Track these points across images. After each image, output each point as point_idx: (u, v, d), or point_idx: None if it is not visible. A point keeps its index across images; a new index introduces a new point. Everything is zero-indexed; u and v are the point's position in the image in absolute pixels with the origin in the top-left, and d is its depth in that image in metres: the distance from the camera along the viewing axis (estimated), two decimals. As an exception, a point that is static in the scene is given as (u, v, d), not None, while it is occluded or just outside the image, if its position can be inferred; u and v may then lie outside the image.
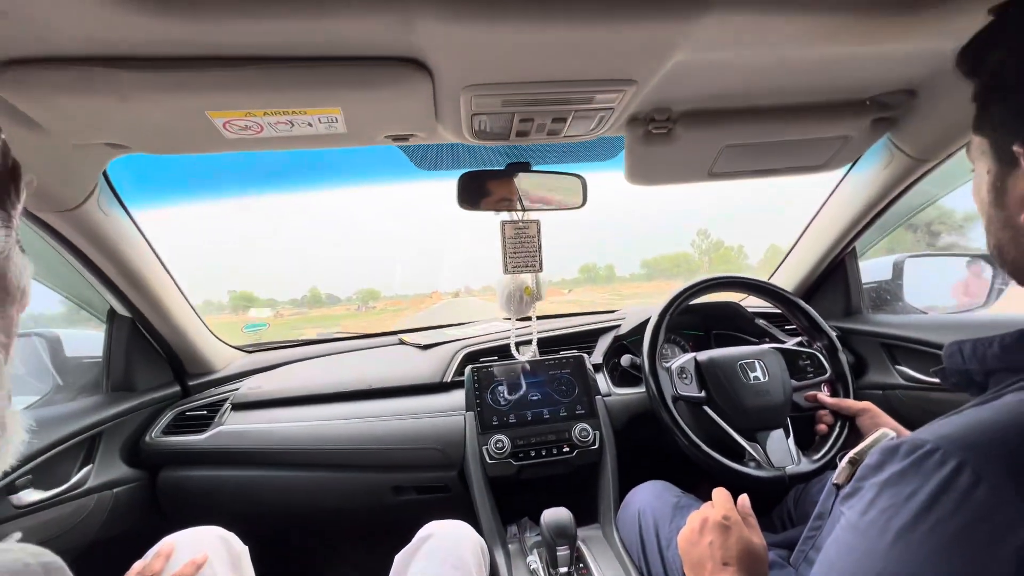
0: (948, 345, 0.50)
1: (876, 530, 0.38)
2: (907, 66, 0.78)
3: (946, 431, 0.39)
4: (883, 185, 1.09)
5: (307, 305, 6.49)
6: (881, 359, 1.24)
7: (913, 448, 0.39)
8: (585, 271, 6.98)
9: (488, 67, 0.63)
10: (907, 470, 0.38)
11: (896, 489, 0.38)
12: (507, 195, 1.03)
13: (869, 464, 0.43)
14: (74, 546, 0.98)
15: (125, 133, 0.70)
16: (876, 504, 0.39)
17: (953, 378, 0.50)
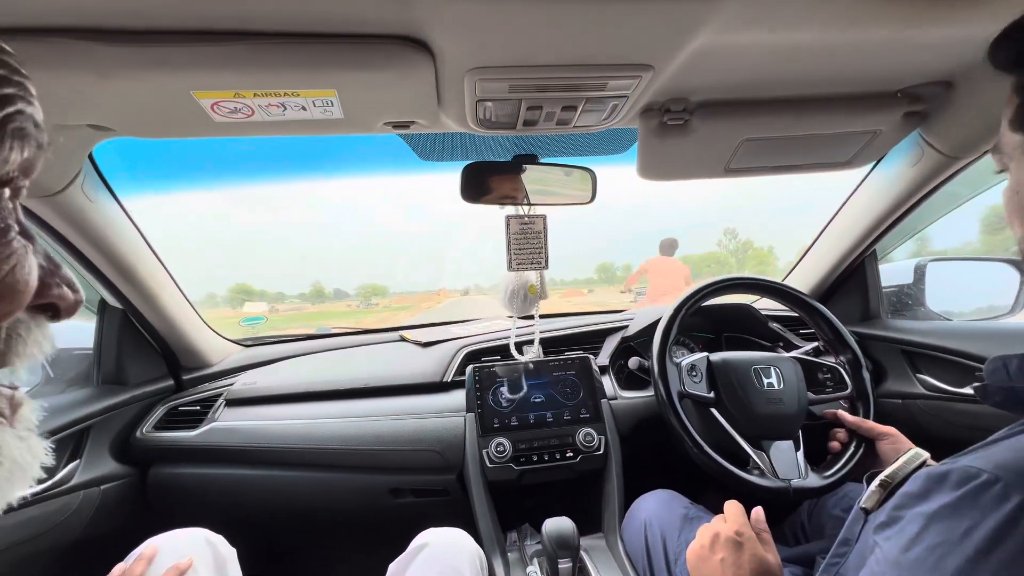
0: (991, 360, 0.45)
1: (925, 570, 0.34)
2: (944, 55, 0.73)
3: (1003, 459, 0.34)
4: (910, 184, 1.03)
5: (310, 300, 6.01)
6: (901, 367, 1.19)
7: (966, 478, 0.35)
8: (602, 270, 6.77)
9: (494, 48, 0.59)
10: (960, 503, 0.34)
11: (948, 524, 0.34)
12: (513, 188, 0.99)
13: (911, 492, 0.39)
14: (58, 544, 0.95)
15: (108, 114, 0.66)
16: (923, 539, 0.35)
17: (996, 396, 0.45)
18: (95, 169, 0.86)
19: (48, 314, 0.31)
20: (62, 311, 0.31)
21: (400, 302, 6.10)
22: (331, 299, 6.65)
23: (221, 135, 0.73)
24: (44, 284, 0.29)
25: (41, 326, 0.30)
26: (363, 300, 6.41)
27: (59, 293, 0.30)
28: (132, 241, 0.99)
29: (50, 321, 0.31)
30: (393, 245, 33.41)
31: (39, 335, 0.29)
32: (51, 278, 0.30)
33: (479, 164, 0.96)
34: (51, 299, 0.30)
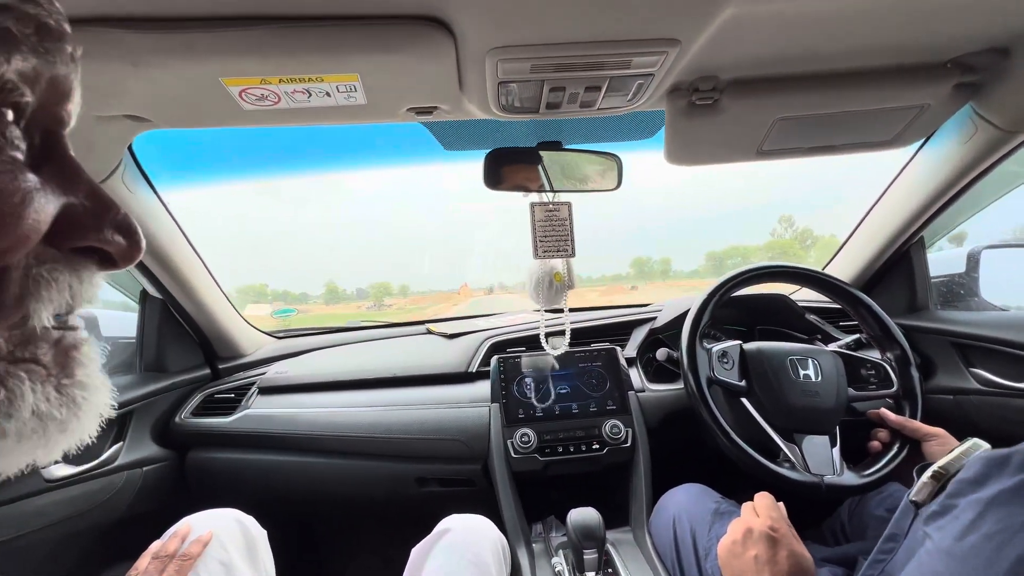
0: None
1: (982, 559, 0.31)
2: (999, 19, 0.68)
3: None
4: (962, 163, 0.96)
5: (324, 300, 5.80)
6: (953, 360, 1.11)
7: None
8: (637, 265, 6.30)
9: (515, 26, 0.58)
10: (1021, 488, 0.31)
11: (1008, 510, 0.31)
12: (537, 175, 0.97)
13: (966, 478, 0.36)
14: (104, 521, 1.00)
15: (142, 103, 0.69)
16: (979, 527, 0.32)
17: None
18: (135, 161, 0.90)
19: (96, 261, 0.27)
20: (116, 258, 0.28)
21: (417, 302, 5.70)
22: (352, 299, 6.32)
23: (250, 124, 0.75)
24: (81, 225, 0.26)
25: (79, 271, 0.27)
26: (375, 300, 5.90)
27: (104, 236, 0.26)
28: (170, 233, 1.03)
29: (100, 269, 0.28)
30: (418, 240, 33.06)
31: (72, 279, 0.26)
32: (94, 219, 0.26)
33: (502, 150, 0.95)
34: (94, 242, 0.26)
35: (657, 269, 6.59)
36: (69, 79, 0.26)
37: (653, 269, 6.49)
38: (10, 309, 0.24)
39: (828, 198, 4.01)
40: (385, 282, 5.61)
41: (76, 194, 0.26)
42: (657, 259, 7.10)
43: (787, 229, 6.11)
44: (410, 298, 5.67)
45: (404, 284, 6.04)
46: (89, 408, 0.27)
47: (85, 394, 0.27)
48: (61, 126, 0.27)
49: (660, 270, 6.63)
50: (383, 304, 4.94)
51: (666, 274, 6.36)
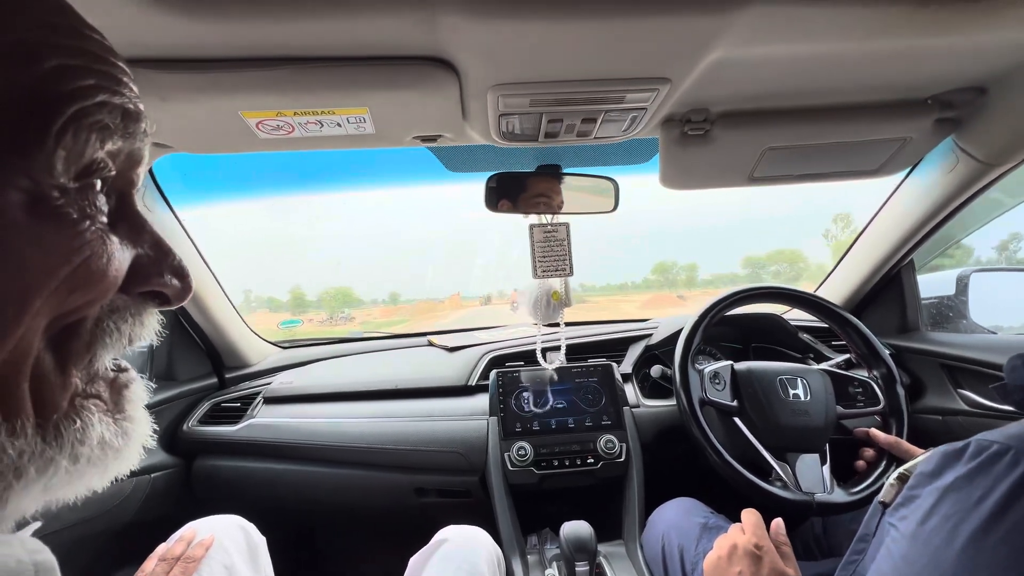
0: (1011, 358, 0.45)
1: (940, 538, 0.35)
2: (976, 60, 0.71)
3: (1015, 431, 0.36)
4: (946, 192, 0.99)
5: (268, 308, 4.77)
6: (941, 381, 1.14)
7: (980, 450, 0.36)
8: (660, 270, 5.43)
9: (515, 66, 0.62)
10: (974, 472, 0.35)
11: (962, 494, 0.35)
12: (536, 198, 1.01)
13: (925, 471, 0.40)
14: (113, 526, 1.03)
15: (167, 133, 0.73)
16: (937, 510, 0.36)
17: (1016, 395, 0.45)
18: (154, 182, 0.94)
19: (156, 302, 0.31)
20: (171, 299, 0.32)
21: (390, 315, 4.59)
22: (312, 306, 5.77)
23: (265, 150, 0.79)
24: (146, 273, 0.29)
25: (143, 314, 0.31)
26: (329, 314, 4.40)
27: (163, 281, 0.30)
28: (185, 249, 1.07)
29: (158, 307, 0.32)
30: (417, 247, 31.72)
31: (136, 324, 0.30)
32: (156, 266, 0.30)
33: (503, 174, 0.99)
34: (155, 287, 0.30)
35: (682, 277, 5.81)
36: (143, 150, 0.30)
37: (677, 277, 5.73)
38: (82, 355, 0.28)
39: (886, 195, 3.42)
40: (344, 288, 4.51)
41: (143, 245, 0.30)
42: (682, 264, 6.06)
43: (843, 229, 5.47)
44: (382, 308, 4.76)
45: (394, 292, 4.97)
46: (137, 439, 0.31)
47: (133, 427, 0.31)
48: (133, 187, 0.31)
49: (685, 277, 5.86)
50: (339, 318, 3.85)
51: (692, 282, 5.70)
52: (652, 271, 5.79)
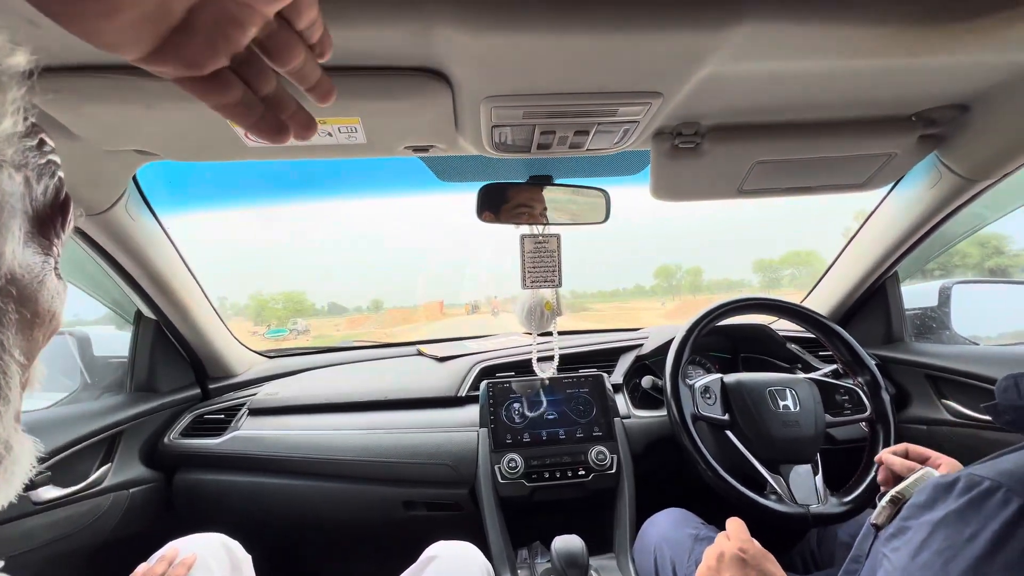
0: (1003, 379, 0.46)
1: (932, 573, 0.34)
2: (959, 79, 0.73)
3: (1006, 468, 0.36)
4: (929, 206, 1.02)
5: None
6: (926, 392, 1.16)
7: (970, 485, 0.36)
8: (662, 275, 5.00)
9: (508, 78, 0.62)
10: (965, 509, 0.35)
11: (953, 529, 0.35)
12: (527, 208, 1.01)
13: (917, 503, 0.40)
14: (88, 544, 0.99)
15: (152, 140, 0.72)
16: (929, 545, 0.36)
17: (1007, 415, 0.45)
18: (138, 190, 0.92)
19: None
20: None
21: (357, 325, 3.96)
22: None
23: (253, 158, 0.78)
24: None
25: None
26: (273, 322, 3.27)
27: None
28: (169, 257, 1.05)
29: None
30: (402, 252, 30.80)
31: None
32: None
33: (495, 185, 0.99)
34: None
35: (686, 282, 5.50)
36: None
37: (681, 282, 5.42)
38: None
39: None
40: (296, 293, 3.90)
41: None
42: (686, 268, 5.66)
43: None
44: (348, 319, 4.19)
45: (377, 299, 4.54)
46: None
47: None
48: None
49: (689, 283, 5.56)
50: (297, 330, 3.22)
51: (697, 287, 5.41)
52: (654, 275, 5.50)
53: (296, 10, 0.31)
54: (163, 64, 0.28)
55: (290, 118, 0.35)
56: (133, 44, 0.27)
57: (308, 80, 0.35)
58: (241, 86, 0.32)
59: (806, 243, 4.72)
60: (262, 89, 0.33)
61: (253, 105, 0.33)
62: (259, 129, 0.34)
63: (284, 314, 3.91)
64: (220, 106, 0.31)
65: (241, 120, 0.33)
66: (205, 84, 0.30)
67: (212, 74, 0.30)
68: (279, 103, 0.35)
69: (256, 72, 0.32)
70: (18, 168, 0.28)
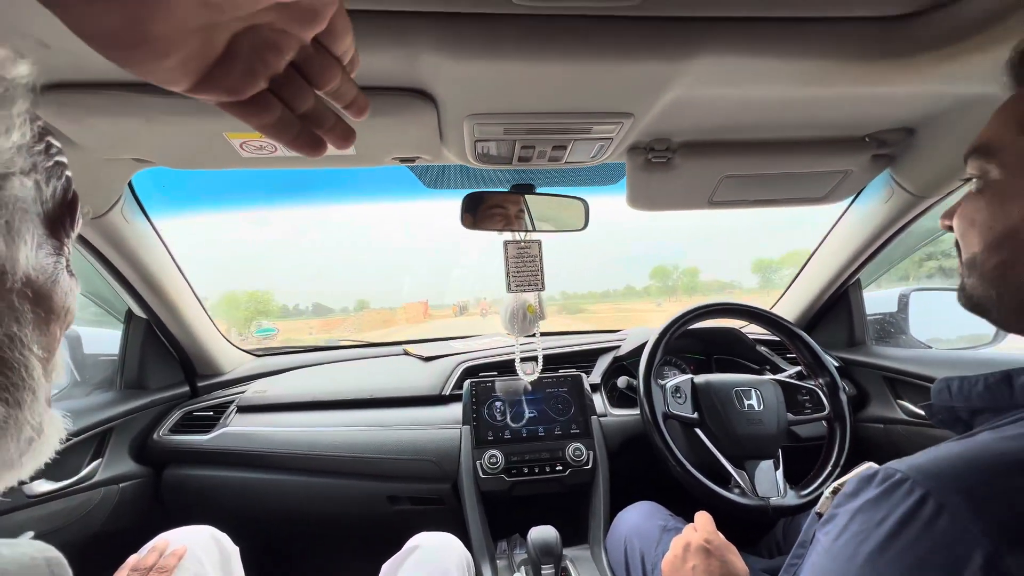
0: (938, 381, 0.51)
1: (846, 555, 0.39)
2: (905, 106, 0.80)
3: (918, 462, 0.40)
4: (884, 219, 1.09)
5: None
6: (883, 392, 1.23)
7: (886, 477, 0.41)
8: (658, 275, 4.82)
9: (489, 98, 0.67)
10: (879, 498, 0.40)
11: (868, 516, 0.40)
12: (510, 216, 1.06)
13: (846, 492, 0.45)
14: (79, 537, 1.02)
15: (150, 150, 0.75)
16: (848, 529, 0.41)
17: (940, 415, 0.50)
18: (133, 194, 0.95)
19: None
20: None
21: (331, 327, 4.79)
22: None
23: (247, 167, 0.81)
24: None
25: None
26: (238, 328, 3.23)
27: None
28: (161, 258, 1.07)
29: None
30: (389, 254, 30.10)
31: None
32: None
33: (478, 193, 1.03)
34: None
35: (683, 283, 5.34)
36: None
37: (679, 282, 5.25)
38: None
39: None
40: (261, 293, 3.41)
41: None
42: (683, 268, 5.46)
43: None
44: (323, 321, 3.80)
45: (363, 299, 4.11)
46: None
47: None
48: None
49: (686, 284, 5.39)
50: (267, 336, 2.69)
51: (693, 288, 5.21)
52: (650, 276, 5.30)
53: (332, 35, 0.32)
54: (207, 92, 0.30)
55: (328, 131, 0.36)
56: (182, 78, 0.28)
57: (344, 98, 0.36)
58: (279, 107, 0.33)
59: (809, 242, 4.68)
60: (300, 107, 0.34)
61: (291, 124, 0.34)
62: (297, 144, 0.35)
63: (246, 316, 3.53)
64: (260, 126, 0.33)
65: (279, 137, 0.34)
66: (246, 107, 0.32)
67: (252, 97, 0.31)
68: (317, 119, 0.35)
69: (294, 92, 0.33)
70: (27, 174, 0.29)
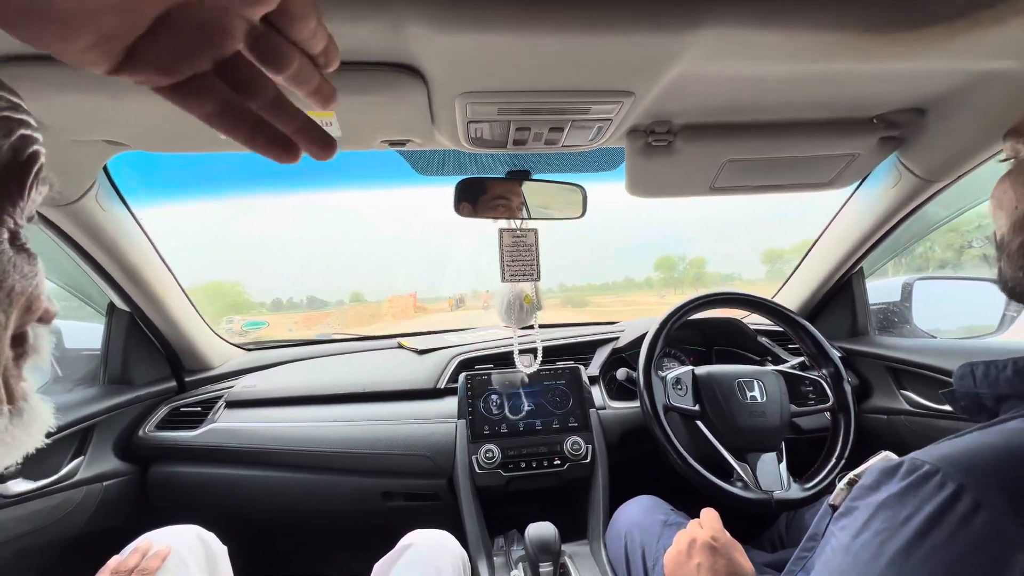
0: (960, 366, 0.48)
1: (869, 553, 0.36)
2: (916, 85, 0.76)
3: (946, 453, 0.37)
4: (891, 205, 1.06)
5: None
6: (887, 383, 1.21)
7: (912, 469, 0.38)
8: (662, 266, 4.59)
9: (482, 75, 0.63)
10: (904, 492, 0.37)
11: (892, 511, 0.37)
12: (505, 203, 1.02)
13: (865, 484, 0.42)
14: (61, 537, 0.99)
15: (121, 131, 0.71)
16: (870, 526, 0.38)
17: (962, 401, 0.48)
18: (109, 180, 0.91)
19: (45, 323, 0.35)
20: (49, 321, 0.36)
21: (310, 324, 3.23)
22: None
23: (226, 150, 0.77)
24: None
25: (47, 331, 0.35)
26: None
27: (48, 306, 0.34)
28: (142, 248, 1.03)
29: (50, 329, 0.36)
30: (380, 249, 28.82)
31: (49, 338, 0.34)
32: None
33: (472, 179, 1.00)
34: (45, 309, 0.34)
35: (691, 273, 5.12)
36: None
37: (687, 272, 5.04)
38: (28, 357, 0.33)
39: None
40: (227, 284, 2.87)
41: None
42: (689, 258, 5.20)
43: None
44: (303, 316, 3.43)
45: (357, 291, 3.94)
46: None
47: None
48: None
49: (693, 274, 5.17)
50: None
51: (700, 279, 5.06)
52: (655, 267, 5.17)
53: (288, 19, 0.28)
54: (134, 73, 0.26)
55: (298, 133, 0.32)
56: (101, 60, 0.25)
57: (306, 85, 0.31)
58: (222, 94, 0.29)
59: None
60: (254, 98, 0.30)
61: (243, 116, 0.29)
62: (258, 144, 0.31)
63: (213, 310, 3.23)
64: (204, 115, 0.29)
65: (234, 132, 0.30)
66: (183, 92, 0.28)
67: (192, 82, 0.27)
68: (280, 113, 0.31)
69: (243, 79, 0.29)
70: None
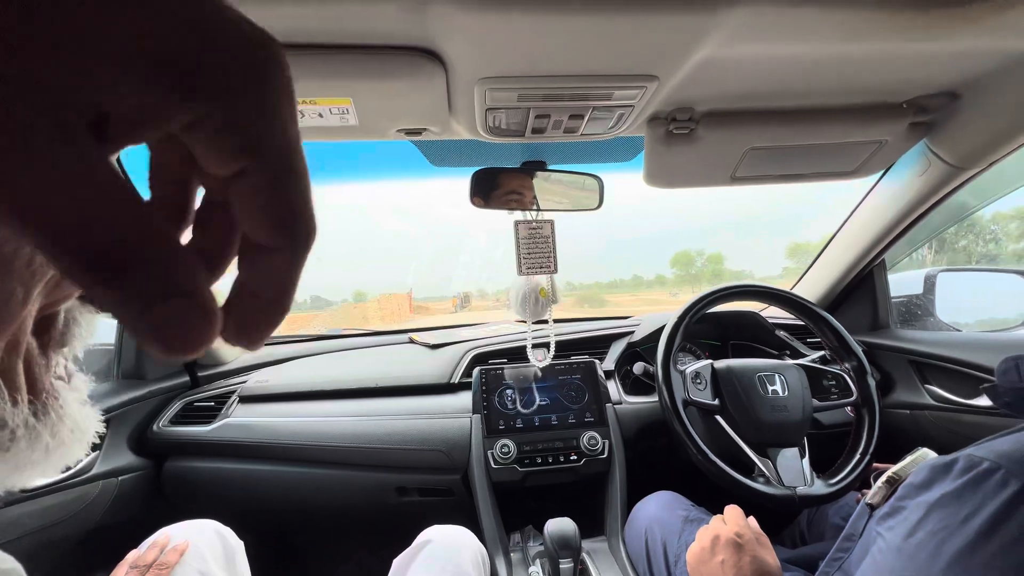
0: (1003, 360, 0.46)
1: (926, 553, 0.35)
2: (950, 66, 0.74)
3: (1004, 449, 0.36)
4: (918, 194, 1.03)
5: None
6: (910, 377, 1.18)
7: (969, 466, 0.36)
8: (679, 263, 4.31)
9: (503, 59, 0.61)
10: (962, 490, 0.35)
11: (950, 510, 0.35)
12: (520, 194, 1.01)
13: (914, 483, 0.40)
14: (77, 532, 0.99)
15: None
16: (924, 525, 0.36)
17: (1006, 396, 0.46)
18: (122, 171, 0.90)
19: (93, 305, 0.33)
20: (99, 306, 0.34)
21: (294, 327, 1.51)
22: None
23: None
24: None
25: (88, 315, 0.33)
26: None
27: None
28: None
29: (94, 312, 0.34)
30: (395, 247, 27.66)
31: (90, 321, 0.32)
32: None
33: (488, 170, 0.98)
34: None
35: (709, 268, 4.75)
36: None
37: (705, 268, 4.80)
38: (58, 343, 0.29)
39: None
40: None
41: None
42: (708, 254, 4.76)
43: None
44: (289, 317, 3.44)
45: (359, 290, 3.82)
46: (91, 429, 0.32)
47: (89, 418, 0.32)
48: None
49: (712, 269, 4.86)
50: None
51: (718, 275, 4.81)
52: (671, 263, 4.92)
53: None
54: None
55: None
56: None
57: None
58: None
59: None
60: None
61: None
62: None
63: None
64: None
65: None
66: None
67: None
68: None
69: None
70: None
